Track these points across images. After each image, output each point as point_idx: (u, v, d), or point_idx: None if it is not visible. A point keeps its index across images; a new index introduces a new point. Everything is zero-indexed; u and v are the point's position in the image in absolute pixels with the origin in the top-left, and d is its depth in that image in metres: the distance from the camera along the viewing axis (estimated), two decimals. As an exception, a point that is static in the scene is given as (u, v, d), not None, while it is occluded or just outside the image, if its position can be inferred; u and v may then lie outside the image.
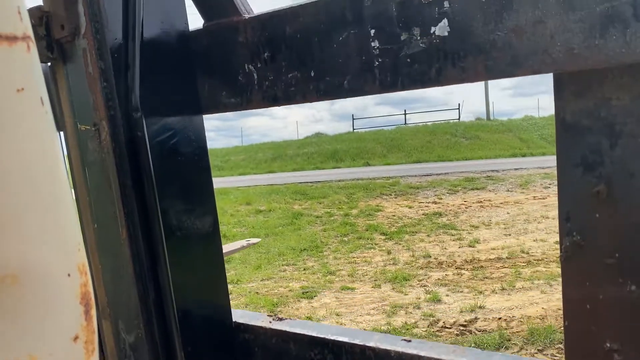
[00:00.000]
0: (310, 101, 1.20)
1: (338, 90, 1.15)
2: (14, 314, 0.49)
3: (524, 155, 20.28)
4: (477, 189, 12.95)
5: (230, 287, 6.92)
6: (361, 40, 1.10)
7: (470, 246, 8.23)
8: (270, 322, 1.47)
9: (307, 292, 6.69)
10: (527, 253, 7.59)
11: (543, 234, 8.53)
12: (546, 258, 7.29)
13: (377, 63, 1.09)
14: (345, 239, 9.33)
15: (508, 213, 10.25)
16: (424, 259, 7.72)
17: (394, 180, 14.66)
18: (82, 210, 1.29)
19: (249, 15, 1.28)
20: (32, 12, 1.17)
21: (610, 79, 0.88)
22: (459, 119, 28.90)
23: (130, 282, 1.22)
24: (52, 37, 1.19)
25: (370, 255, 8.21)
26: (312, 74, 1.18)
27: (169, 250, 1.24)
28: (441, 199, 12.20)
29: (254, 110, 1.44)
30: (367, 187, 14.04)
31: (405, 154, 21.93)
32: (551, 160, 14.68)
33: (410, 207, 11.54)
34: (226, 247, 3.63)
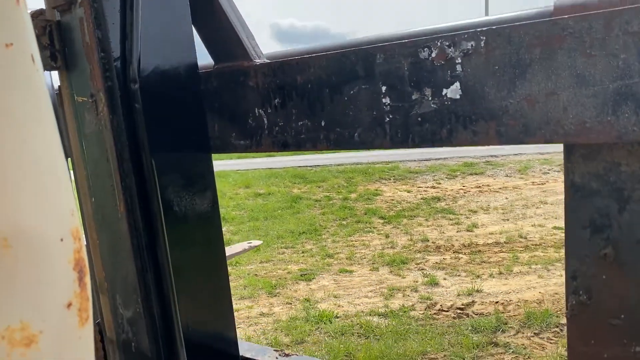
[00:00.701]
0: (321, 150, 1.21)
1: (349, 142, 1.16)
2: (4, 279, 0.47)
3: (523, 141, 20.22)
4: (476, 174, 12.94)
5: (229, 269, 6.94)
6: (372, 96, 1.10)
7: (468, 230, 8.25)
8: (276, 357, 1.49)
9: (306, 274, 6.71)
10: (525, 238, 7.60)
11: (541, 219, 8.54)
12: (544, 243, 7.30)
13: (387, 119, 1.09)
14: (344, 222, 9.33)
15: (506, 198, 10.25)
16: (422, 243, 7.74)
17: (393, 165, 14.64)
18: (79, 184, 1.28)
19: (259, 61, 1.29)
20: (36, 21, 1.14)
21: (620, 144, 0.88)
22: (459, 104, 28.72)
23: (128, 257, 1.21)
24: (55, 46, 1.17)
25: (368, 239, 8.22)
26: (323, 123, 1.18)
27: (168, 225, 1.23)
28: (440, 183, 12.19)
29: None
30: (366, 171, 14.02)
31: (404, 138, 21.88)
32: (550, 146, 14.67)
33: (409, 192, 11.54)
34: (228, 250, 3.65)
